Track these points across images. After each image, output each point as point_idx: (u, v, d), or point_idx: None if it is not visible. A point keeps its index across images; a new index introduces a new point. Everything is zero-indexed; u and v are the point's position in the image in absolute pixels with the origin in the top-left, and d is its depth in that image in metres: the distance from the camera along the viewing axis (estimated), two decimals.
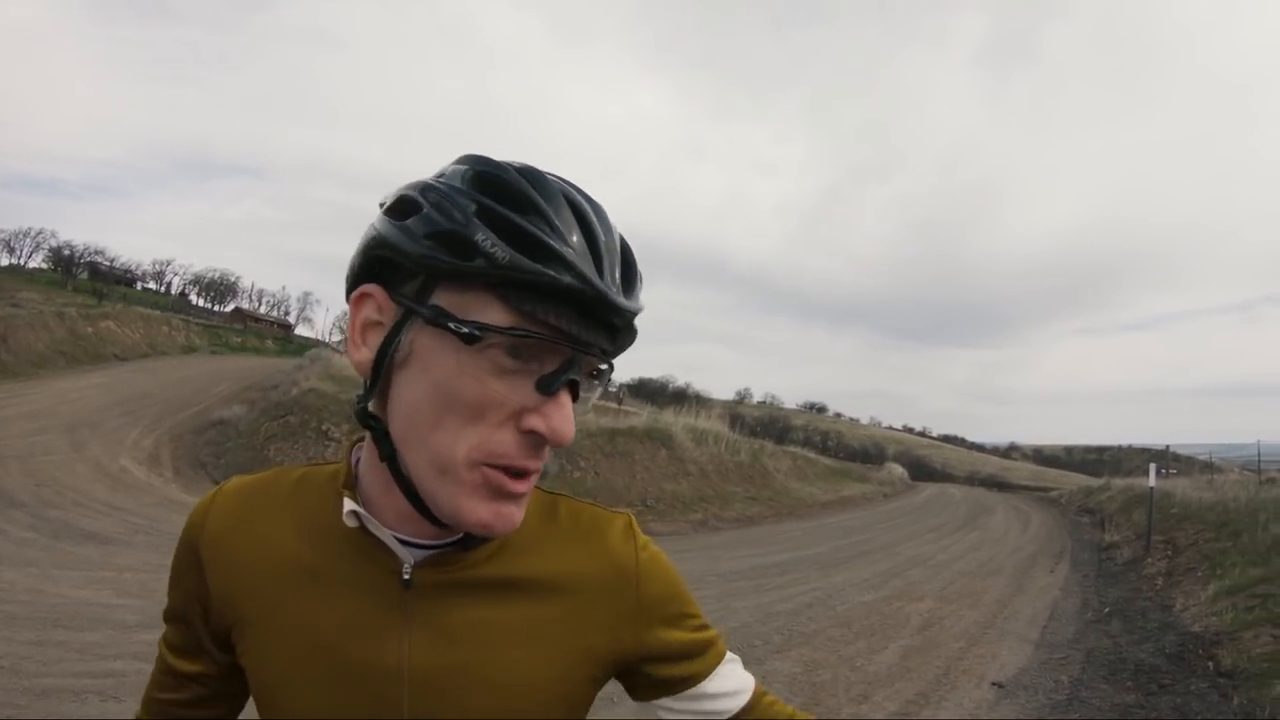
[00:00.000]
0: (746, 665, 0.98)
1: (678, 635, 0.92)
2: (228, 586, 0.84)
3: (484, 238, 0.69)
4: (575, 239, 0.71)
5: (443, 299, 0.71)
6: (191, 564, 0.86)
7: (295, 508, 0.86)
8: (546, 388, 0.71)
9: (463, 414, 0.71)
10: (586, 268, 0.70)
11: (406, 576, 0.80)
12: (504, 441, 0.72)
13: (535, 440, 0.72)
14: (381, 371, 0.75)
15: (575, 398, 0.74)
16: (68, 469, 12.92)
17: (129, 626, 6.00)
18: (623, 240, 0.77)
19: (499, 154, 0.75)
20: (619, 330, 0.76)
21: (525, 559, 0.86)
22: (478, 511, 0.73)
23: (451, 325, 0.69)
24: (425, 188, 0.74)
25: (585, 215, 0.74)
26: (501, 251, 0.68)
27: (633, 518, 0.96)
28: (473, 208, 0.71)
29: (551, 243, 0.69)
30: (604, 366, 0.78)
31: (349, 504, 0.79)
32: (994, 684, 6.39)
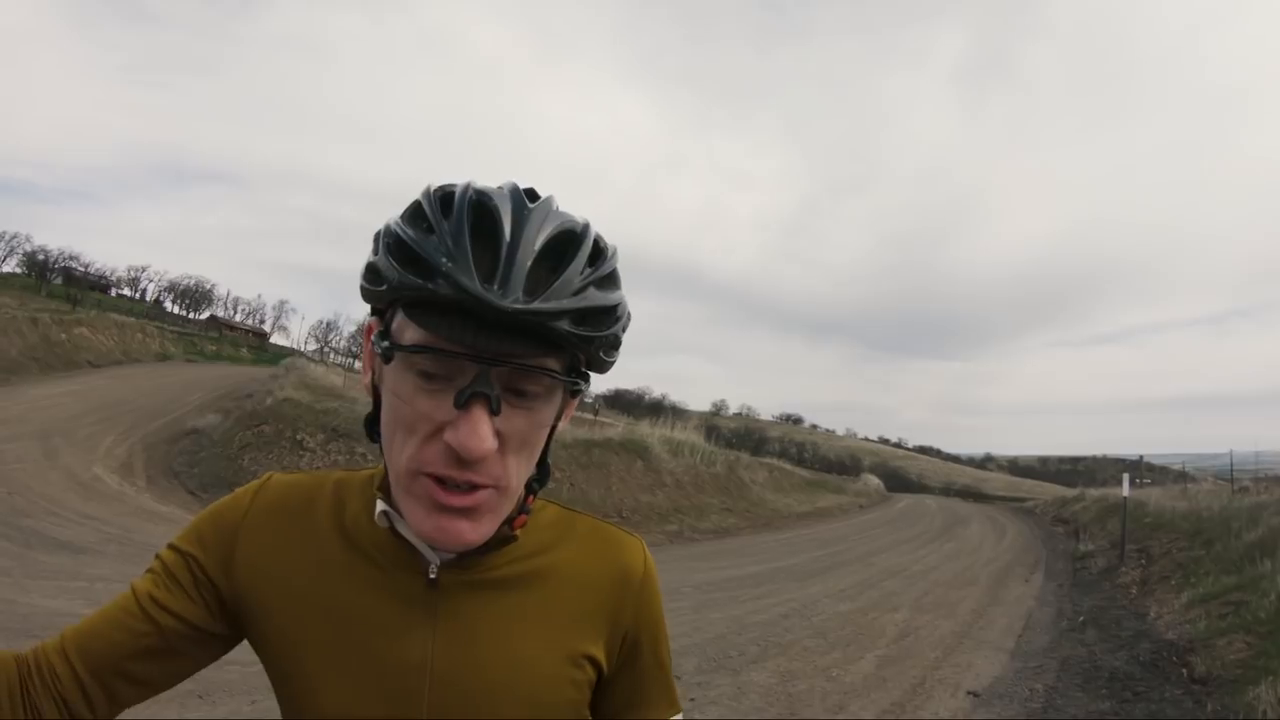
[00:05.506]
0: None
1: (652, 661, 0.97)
2: (259, 570, 0.87)
3: (385, 263, 0.74)
4: (461, 248, 0.71)
5: (394, 324, 0.77)
6: (228, 535, 0.88)
7: (332, 507, 0.90)
8: (457, 402, 0.73)
9: (404, 428, 0.76)
10: (465, 277, 0.70)
11: (433, 576, 0.84)
12: (430, 452, 0.76)
13: (455, 453, 0.75)
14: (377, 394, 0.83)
15: (496, 411, 0.74)
16: (40, 477, 12.69)
17: None
18: (555, 237, 0.75)
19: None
20: (539, 335, 0.74)
21: (542, 560, 0.90)
22: (423, 524, 0.77)
23: (375, 347, 0.76)
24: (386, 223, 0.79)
25: (491, 220, 0.74)
26: (393, 273, 0.73)
27: (645, 544, 1.00)
28: (392, 237, 0.75)
29: (427, 256, 0.72)
30: (559, 374, 0.78)
31: (381, 505, 0.83)
32: (970, 693, 6.42)
